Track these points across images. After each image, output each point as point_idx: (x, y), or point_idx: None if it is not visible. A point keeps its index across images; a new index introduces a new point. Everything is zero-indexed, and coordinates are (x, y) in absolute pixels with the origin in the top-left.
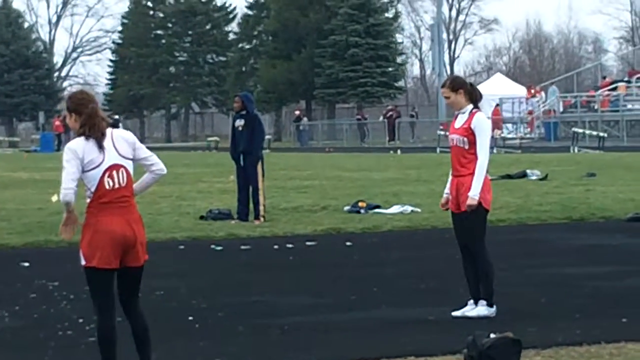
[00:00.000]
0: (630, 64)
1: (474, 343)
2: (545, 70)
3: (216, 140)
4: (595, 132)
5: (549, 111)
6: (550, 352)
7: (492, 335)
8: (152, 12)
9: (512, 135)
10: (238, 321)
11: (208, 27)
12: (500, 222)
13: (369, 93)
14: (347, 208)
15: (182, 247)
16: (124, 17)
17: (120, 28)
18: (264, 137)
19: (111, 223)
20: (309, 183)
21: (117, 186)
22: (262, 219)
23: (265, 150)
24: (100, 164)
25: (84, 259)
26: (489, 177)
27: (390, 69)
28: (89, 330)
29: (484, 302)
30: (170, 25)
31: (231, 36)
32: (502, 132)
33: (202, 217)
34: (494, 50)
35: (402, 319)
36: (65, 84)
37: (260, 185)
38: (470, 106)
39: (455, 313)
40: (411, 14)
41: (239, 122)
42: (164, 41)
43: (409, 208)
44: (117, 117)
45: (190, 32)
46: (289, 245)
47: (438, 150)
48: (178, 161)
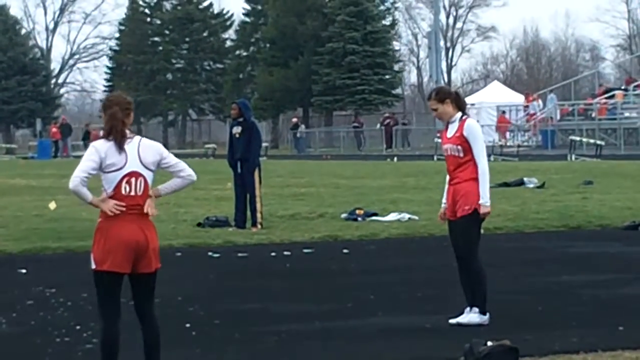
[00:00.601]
0: (627, 71)
1: (471, 351)
2: (542, 78)
3: (213, 147)
4: (592, 140)
5: (547, 119)
6: None
7: (489, 343)
8: (149, 19)
9: (510, 143)
10: (235, 328)
11: (205, 34)
12: (498, 229)
13: (366, 100)
14: (344, 215)
15: (179, 254)
16: (121, 24)
17: (117, 35)
18: (261, 145)
19: (124, 228)
20: (306, 190)
21: (134, 193)
22: (259, 226)
23: (263, 158)
24: (121, 168)
25: (94, 263)
26: None
27: (387, 76)
28: (86, 337)
29: (477, 309)
30: (167, 32)
31: (228, 43)
32: (507, 139)
33: (199, 225)
34: (491, 57)
35: (399, 326)
36: (62, 90)
37: (258, 193)
38: (459, 114)
39: (452, 321)
40: (408, 22)
41: (236, 129)
42: (161, 48)
43: (406, 215)
44: None
45: (187, 39)
46: (286, 253)
47: (435, 157)
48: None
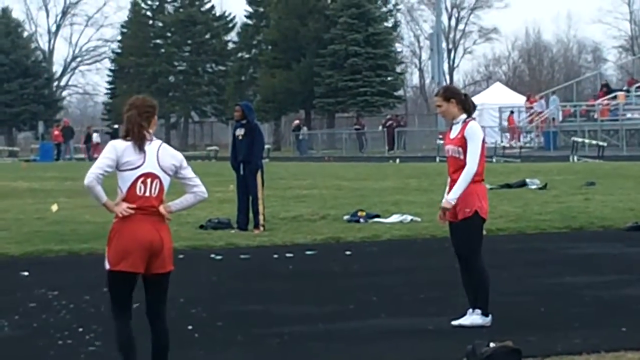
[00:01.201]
0: (629, 73)
1: (473, 352)
2: (544, 79)
3: (215, 149)
4: (594, 141)
5: (549, 120)
6: None
7: (492, 344)
8: (151, 22)
9: (513, 144)
10: (237, 330)
11: (207, 36)
12: (500, 231)
13: (368, 102)
14: (346, 217)
15: (181, 256)
16: (123, 26)
17: (119, 37)
18: (264, 147)
19: (139, 228)
20: (308, 192)
21: (148, 194)
22: (261, 228)
23: (265, 160)
24: (138, 167)
25: (108, 264)
26: (487, 186)
27: (389, 78)
28: (89, 340)
29: (479, 310)
30: (169, 34)
31: (230, 45)
32: (518, 140)
33: (201, 227)
34: (493, 59)
35: (401, 328)
36: (64, 93)
37: (260, 195)
38: (464, 116)
39: (454, 322)
40: (410, 24)
41: (239, 131)
42: (163, 50)
43: (408, 217)
44: (116, 126)
45: (189, 42)
46: (288, 255)
47: (437, 159)
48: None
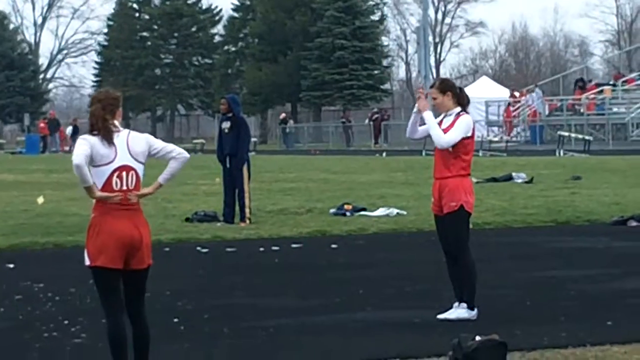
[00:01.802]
0: (616, 67)
1: (459, 345)
2: (531, 73)
3: (202, 142)
4: (581, 136)
5: (533, 113)
6: (535, 355)
7: (478, 337)
8: (137, 14)
9: (498, 138)
10: (223, 323)
11: (194, 29)
12: (486, 225)
13: (354, 96)
14: (332, 210)
15: (167, 249)
16: (109, 19)
17: (105, 30)
18: (250, 140)
19: (117, 224)
20: (294, 185)
21: (125, 188)
22: (247, 221)
23: (251, 153)
24: (112, 162)
25: (88, 259)
26: (473, 179)
27: (376, 71)
28: (74, 332)
29: (465, 304)
30: (155, 27)
31: (217, 38)
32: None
33: (187, 220)
34: (480, 53)
35: (387, 321)
36: (50, 85)
37: (246, 188)
38: (458, 109)
39: (440, 316)
40: (397, 17)
41: (225, 124)
42: (149, 43)
43: (394, 211)
44: None
45: (175, 34)
46: (274, 248)
47: (424, 153)
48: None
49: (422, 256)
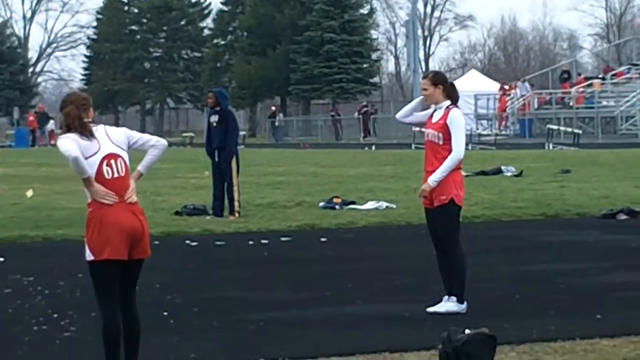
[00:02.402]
0: (605, 60)
1: (448, 339)
2: (520, 67)
3: (191, 136)
4: (570, 129)
5: (523, 107)
6: (524, 348)
7: (467, 331)
8: (126, 8)
9: (487, 131)
10: (213, 316)
11: (183, 22)
12: (475, 218)
13: (344, 89)
14: (322, 204)
15: (156, 242)
16: (98, 12)
17: (94, 23)
18: (238, 134)
19: (118, 215)
20: (283, 179)
21: (117, 175)
22: (236, 215)
23: (240, 146)
24: (98, 152)
25: (92, 254)
26: (463, 173)
27: (365, 65)
28: (64, 325)
29: (455, 297)
30: (145, 20)
31: (206, 32)
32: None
33: (176, 213)
34: (468, 46)
35: (376, 314)
36: (39, 79)
37: (235, 181)
38: (447, 102)
39: (430, 309)
40: (386, 10)
41: (213, 118)
42: (138, 37)
43: (384, 204)
44: None
45: (165, 28)
46: (263, 241)
47: (413, 146)
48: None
49: (411, 249)
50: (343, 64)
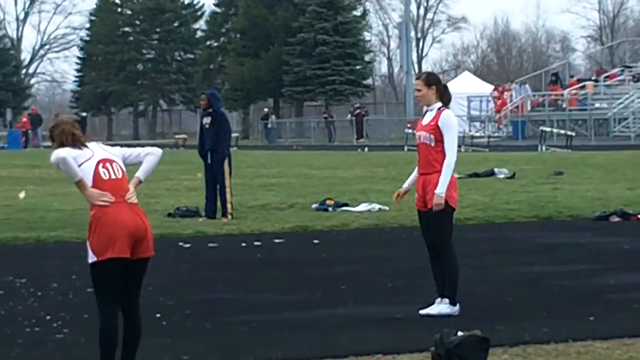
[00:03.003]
0: (598, 62)
1: (441, 341)
2: (513, 68)
3: (184, 137)
4: (563, 131)
5: (517, 109)
6: (517, 350)
7: (460, 333)
8: (119, 10)
9: (480, 133)
10: (205, 318)
11: (176, 24)
12: (468, 220)
13: (337, 91)
14: (314, 206)
15: None
16: (91, 14)
17: (87, 25)
18: (230, 135)
19: (120, 214)
20: (276, 181)
21: (114, 177)
22: (229, 217)
23: (233, 148)
24: (92, 157)
25: (95, 255)
26: (456, 175)
27: (358, 67)
28: (56, 327)
29: (447, 300)
30: (137, 22)
31: (199, 34)
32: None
33: (169, 215)
34: (462, 48)
35: (369, 316)
36: (32, 81)
37: (227, 183)
38: (439, 104)
39: (422, 311)
40: (379, 12)
41: (206, 119)
42: (131, 38)
43: (376, 206)
44: (84, 114)
45: (158, 30)
46: (256, 243)
47: (406, 148)
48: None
49: (403, 251)
50: (336, 66)
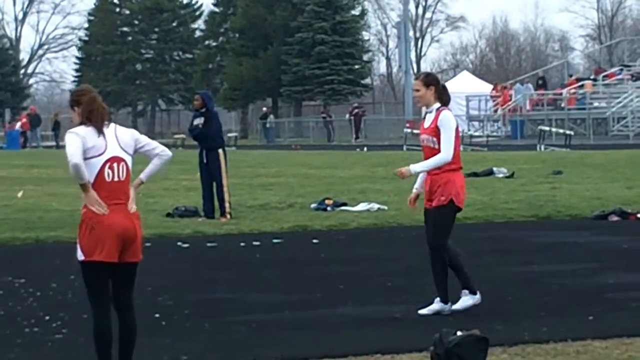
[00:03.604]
0: (596, 62)
1: (440, 341)
2: (511, 68)
3: (182, 137)
4: (561, 130)
5: (517, 108)
6: (517, 350)
7: (459, 332)
8: (118, 9)
9: (479, 132)
10: (204, 318)
11: (174, 24)
12: (467, 219)
13: (335, 91)
14: (313, 205)
15: (148, 244)
16: (90, 14)
17: (86, 25)
18: (221, 127)
19: (111, 217)
20: (275, 180)
21: (117, 179)
22: (228, 216)
23: (232, 148)
24: (102, 154)
25: (82, 254)
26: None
27: (356, 66)
28: (55, 328)
29: (466, 291)
30: (136, 22)
31: (198, 33)
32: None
33: (168, 215)
34: (460, 48)
35: (368, 316)
36: (31, 81)
37: (225, 182)
38: (437, 104)
39: (421, 311)
40: (377, 12)
41: (198, 120)
42: (130, 38)
43: (375, 206)
44: None
45: (156, 29)
46: (255, 243)
47: (404, 148)
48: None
49: (403, 251)
50: (334, 66)
